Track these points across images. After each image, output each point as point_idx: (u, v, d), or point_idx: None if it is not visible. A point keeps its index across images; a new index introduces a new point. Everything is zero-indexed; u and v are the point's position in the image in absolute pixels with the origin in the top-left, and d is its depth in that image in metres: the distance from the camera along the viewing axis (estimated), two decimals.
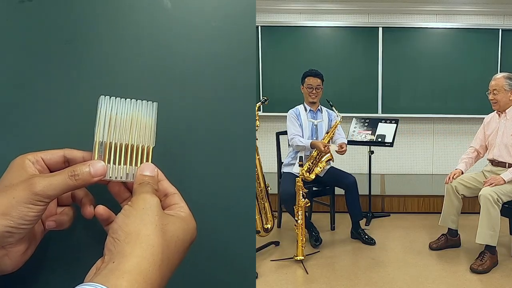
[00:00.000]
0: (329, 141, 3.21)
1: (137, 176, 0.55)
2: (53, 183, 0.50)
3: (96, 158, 0.55)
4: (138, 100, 0.57)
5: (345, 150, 3.16)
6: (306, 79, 3.25)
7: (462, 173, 3.08)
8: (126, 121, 0.56)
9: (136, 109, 0.57)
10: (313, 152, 3.15)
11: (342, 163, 3.62)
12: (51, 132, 0.63)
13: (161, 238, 0.48)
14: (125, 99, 0.57)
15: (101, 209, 0.56)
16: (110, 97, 0.56)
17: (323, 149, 3.05)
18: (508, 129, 2.91)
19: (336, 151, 3.13)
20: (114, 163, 0.56)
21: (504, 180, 2.78)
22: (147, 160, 0.57)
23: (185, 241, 0.53)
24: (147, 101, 0.58)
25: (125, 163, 0.56)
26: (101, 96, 0.56)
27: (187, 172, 0.65)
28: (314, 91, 3.23)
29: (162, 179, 0.58)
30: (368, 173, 3.80)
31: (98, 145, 0.55)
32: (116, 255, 0.45)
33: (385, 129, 3.65)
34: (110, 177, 0.55)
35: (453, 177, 3.04)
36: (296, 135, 3.19)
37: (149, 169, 0.56)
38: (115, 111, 0.56)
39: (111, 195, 0.58)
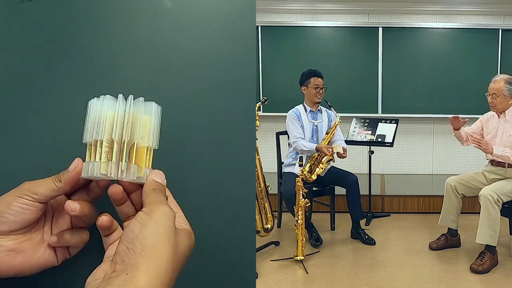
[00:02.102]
0: (328, 143, 3.20)
1: (149, 180, 0.54)
2: (41, 182, 0.53)
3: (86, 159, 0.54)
4: (119, 95, 0.55)
5: (345, 157, 3.16)
6: (311, 79, 3.24)
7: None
8: (108, 118, 0.54)
9: (119, 105, 0.55)
10: (315, 153, 3.16)
11: (342, 163, 3.61)
12: (51, 132, 0.63)
13: (173, 256, 0.48)
14: (105, 96, 0.54)
15: (106, 221, 0.55)
16: (97, 98, 0.55)
17: (328, 153, 3.05)
18: (507, 130, 2.90)
19: (337, 152, 3.12)
20: (106, 160, 0.53)
21: (493, 150, 2.81)
22: (139, 156, 0.55)
23: (187, 256, 0.53)
24: (134, 98, 0.56)
25: (120, 160, 0.53)
26: (89, 101, 0.55)
27: (187, 172, 0.65)
28: (320, 91, 3.24)
29: None
30: (368, 173, 3.80)
31: (87, 145, 0.55)
32: (130, 267, 0.45)
33: (385, 129, 3.65)
34: (103, 173, 0.53)
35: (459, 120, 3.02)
36: (298, 138, 3.18)
37: (160, 177, 0.55)
38: (99, 110, 0.54)
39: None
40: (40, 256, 0.54)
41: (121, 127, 0.54)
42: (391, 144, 3.58)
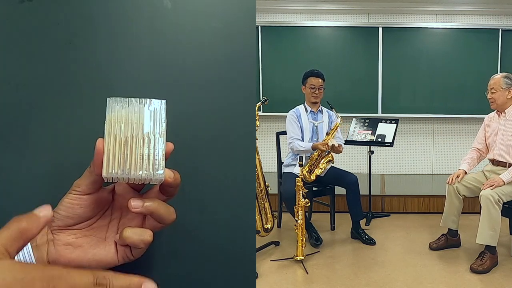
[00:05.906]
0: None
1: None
2: (82, 175, 0.53)
3: (105, 161, 0.50)
4: (146, 99, 0.54)
5: (341, 151, 3.15)
6: (308, 79, 3.25)
7: (466, 173, 3.06)
8: (135, 121, 0.52)
9: (143, 108, 0.54)
10: (314, 153, 3.16)
11: (342, 163, 3.62)
12: (51, 133, 0.63)
13: None
14: (132, 99, 0.53)
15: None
16: (116, 98, 0.53)
17: (324, 148, 3.05)
18: (508, 130, 2.91)
19: (333, 145, 3.09)
20: (130, 162, 0.50)
21: (503, 181, 2.78)
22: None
23: None
24: (154, 100, 0.55)
25: (141, 163, 0.51)
26: (108, 98, 0.53)
27: (187, 172, 0.65)
28: (316, 91, 3.24)
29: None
30: (368, 173, 3.80)
31: (106, 148, 0.51)
32: None
33: (385, 129, 3.65)
34: (127, 176, 0.50)
35: (456, 178, 3.01)
36: (294, 139, 3.18)
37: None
38: (126, 111, 0.52)
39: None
40: (96, 252, 0.54)
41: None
42: (391, 144, 3.59)
